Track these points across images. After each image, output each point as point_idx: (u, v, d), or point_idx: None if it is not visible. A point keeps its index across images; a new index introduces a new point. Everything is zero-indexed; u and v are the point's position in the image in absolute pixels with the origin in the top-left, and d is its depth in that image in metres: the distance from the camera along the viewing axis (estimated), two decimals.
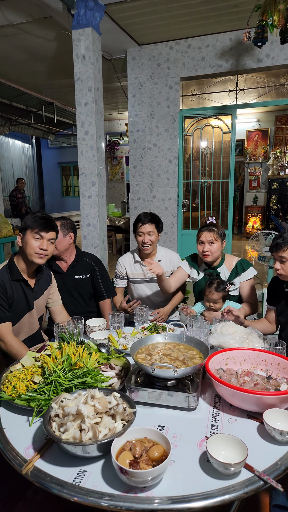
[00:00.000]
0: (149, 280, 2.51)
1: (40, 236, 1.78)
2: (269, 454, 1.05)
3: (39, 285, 1.94)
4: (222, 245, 2.22)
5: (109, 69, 5.55)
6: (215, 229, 2.18)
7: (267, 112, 8.33)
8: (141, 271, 2.50)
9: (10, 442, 1.11)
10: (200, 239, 2.20)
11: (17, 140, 11.33)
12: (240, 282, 2.23)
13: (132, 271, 2.51)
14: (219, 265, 2.27)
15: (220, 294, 2.08)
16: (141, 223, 2.38)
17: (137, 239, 2.42)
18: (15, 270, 1.83)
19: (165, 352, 1.48)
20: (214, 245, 2.17)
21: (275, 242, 1.78)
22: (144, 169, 5.29)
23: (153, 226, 2.38)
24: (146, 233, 2.37)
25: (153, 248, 2.44)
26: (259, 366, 1.47)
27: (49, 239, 1.81)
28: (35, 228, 1.77)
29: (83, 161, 4.02)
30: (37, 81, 6.67)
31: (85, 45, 3.76)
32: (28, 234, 1.78)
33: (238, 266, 2.23)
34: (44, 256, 1.81)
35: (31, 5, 3.79)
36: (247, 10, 3.73)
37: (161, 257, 2.50)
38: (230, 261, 2.27)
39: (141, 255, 2.50)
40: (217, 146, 5.18)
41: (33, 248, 1.77)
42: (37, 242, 1.77)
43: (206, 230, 2.18)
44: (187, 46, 4.77)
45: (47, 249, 1.80)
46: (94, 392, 1.13)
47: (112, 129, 10.02)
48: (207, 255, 2.18)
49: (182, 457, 1.04)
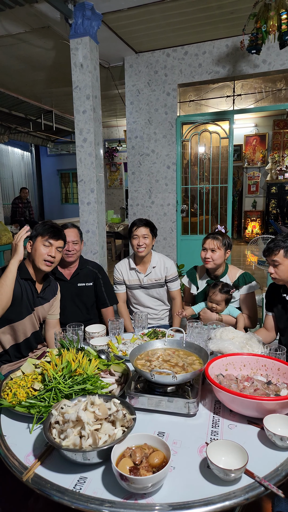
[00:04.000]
0: (145, 286, 2.53)
1: (50, 244, 1.84)
2: (270, 460, 1.05)
3: (45, 292, 1.96)
4: (226, 254, 2.25)
5: (107, 77, 5.60)
6: (219, 238, 2.23)
7: (264, 117, 8.39)
8: (136, 277, 2.52)
9: (10, 449, 1.11)
10: (204, 246, 2.26)
11: (16, 148, 11.40)
12: (240, 294, 2.24)
13: (128, 277, 2.53)
14: (222, 275, 2.30)
15: (223, 296, 2.13)
16: (136, 227, 2.43)
17: (132, 242, 2.45)
18: (24, 270, 1.87)
19: (165, 358, 1.48)
20: (216, 253, 2.21)
21: (267, 247, 1.82)
22: (142, 175, 5.32)
23: (148, 229, 2.43)
24: (140, 236, 2.40)
25: (147, 252, 2.45)
26: (259, 371, 1.47)
27: (57, 247, 1.87)
28: (45, 235, 1.84)
29: (82, 168, 4.04)
30: (36, 90, 6.73)
31: (83, 54, 3.80)
32: (38, 241, 1.84)
33: (241, 278, 2.25)
34: (51, 264, 1.86)
35: (29, 15, 3.84)
36: (243, 17, 3.78)
37: (155, 263, 2.51)
38: (234, 273, 2.30)
39: (136, 260, 2.52)
40: (215, 152, 5.21)
41: (42, 254, 1.82)
42: (46, 249, 1.83)
43: (210, 238, 2.25)
44: (184, 53, 4.83)
45: (55, 256, 1.85)
46: (94, 398, 1.13)
47: (111, 136, 10.08)
48: (208, 261, 2.23)
49: (182, 463, 1.04)
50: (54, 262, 1.87)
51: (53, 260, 1.85)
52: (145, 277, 2.50)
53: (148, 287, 2.53)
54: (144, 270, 2.51)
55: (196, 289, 2.37)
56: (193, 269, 2.44)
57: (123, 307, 2.56)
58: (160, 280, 2.52)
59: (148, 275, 2.50)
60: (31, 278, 1.88)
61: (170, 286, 2.54)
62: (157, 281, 2.52)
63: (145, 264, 2.51)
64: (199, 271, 2.41)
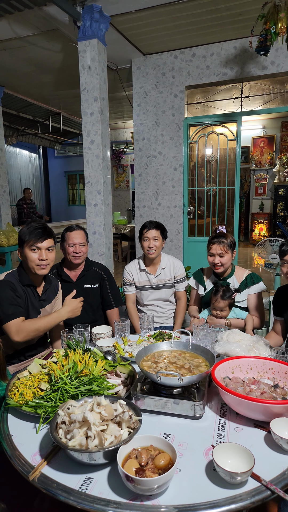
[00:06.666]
0: (155, 286, 2.54)
1: (37, 248, 1.77)
2: (277, 464, 1.04)
3: (46, 294, 1.96)
4: (233, 255, 2.24)
5: (115, 79, 5.63)
6: (225, 241, 2.20)
7: (272, 119, 8.35)
8: (147, 278, 2.54)
9: (17, 448, 1.11)
10: (210, 251, 2.23)
11: (24, 150, 11.50)
12: (248, 294, 2.23)
13: (139, 278, 2.54)
14: (228, 276, 2.29)
15: (227, 302, 2.09)
16: (146, 229, 2.45)
17: (142, 244, 2.47)
18: (25, 276, 1.84)
19: (171, 360, 1.48)
20: (224, 257, 2.20)
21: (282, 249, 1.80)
22: (149, 177, 5.32)
23: (158, 232, 2.45)
24: (151, 238, 2.42)
25: (157, 254, 2.48)
26: (266, 374, 1.46)
27: (47, 247, 1.79)
28: (29, 241, 1.76)
29: (89, 170, 4.06)
30: (44, 92, 6.78)
31: (91, 56, 3.83)
32: (26, 248, 1.78)
33: (248, 279, 2.23)
34: (46, 266, 1.80)
35: (38, 18, 3.88)
36: (252, 18, 3.78)
37: (165, 264, 2.53)
38: (240, 273, 2.28)
39: (146, 262, 2.53)
40: (223, 153, 5.20)
41: (33, 260, 1.77)
42: (35, 254, 1.77)
43: (216, 243, 2.20)
44: (191, 55, 4.83)
45: (47, 258, 1.79)
46: (100, 399, 1.13)
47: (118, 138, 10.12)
48: (219, 267, 2.21)
49: (188, 465, 1.04)
50: (48, 264, 1.81)
51: (46, 262, 1.78)
52: (155, 278, 2.52)
53: (158, 287, 2.55)
54: (154, 271, 2.53)
55: (204, 290, 2.36)
56: (199, 271, 2.44)
57: (133, 308, 2.58)
58: (169, 281, 2.54)
59: (158, 276, 2.52)
60: (32, 283, 1.85)
61: (178, 287, 2.56)
62: (166, 281, 2.54)
63: (155, 265, 2.53)
64: (206, 272, 2.41)
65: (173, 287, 2.58)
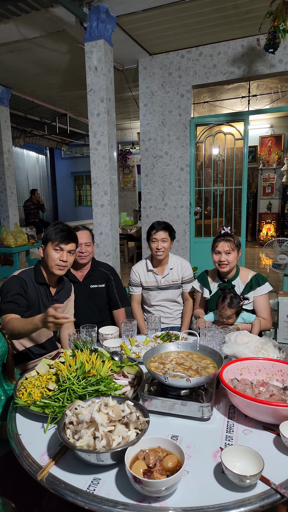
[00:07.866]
0: (162, 287, 2.53)
1: (60, 248, 1.84)
2: (286, 467, 1.03)
3: (59, 295, 1.98)
4: (238, 255, 2.21)
5: (121, 79, 5.63)
6: (231, 239, 2.18)
7: (280, 118, 8.28)
8: (154, 279, 2.53)
9: (25, 448, 1.12)
10: (216, 249, 2.20)
11: (31, 151, 11.58)
12: (254, 296, 2.19)
13: (146, 279, 2.53)
14: (233, 278, 2.25)
15: (234, 309, 2.03)
16: (155, 230, 2.44)
17: (150, 246, 2.46)
18: (40, 274, 1.89)
19: (178, 361, 1.47)
20: (231, 255, 2.17)
21: None
22: (155, 177, 5.32)
23: (167, 233, 2.44)
24: (160, 239, 2.41)
25: (165, 255, 2.47)
26: (275, 376, 1.44)
27: (69, 250, 1.86)
28: (55, 241, 1.83)
29: (96, 171, 4.07)
30: (51, 93, 6.82)
31: (97, 57, 3.83)
32: (49, 246, 1.84)
33: (254, 280, 2.19)
34: (63, 268, 1.86)
35: (45, 20, 3.90)
36: (259, 16, 3.75)
37: (173, 264, 2.52)
38: (245, 274, 2.24)
39: (153, 262, 2.52)
40: (230, 153, 5.17)
41: (54, 260, 1.83)
42: (57, 254, 1.83)
43: (223, 240, 2.18)
44: (198, 54, 4.81)
45: (67, 260, 1.85)
46: (108, 400, 1.13)
47: (124, 138, 10.12)
48: (224, 265, 2.17)
49: (197, 467, 1.03)
50: (66, 266, 1.87)
51: (65, 264, 1.85)
52: (162, 279, 2.52)
53: (165, 288, 2.54)
54: (161, 271, 2.52)
55: (209, 293, 2.33)
56: (204, 273, 2.40)
57: (137, 308, 2.57)
58: (177, 281, 2.53)
59: (166, 277, 2.52)
60: (46, 282, 1.90)
61: (185, 288, 2.55)
62: (174, 282, 2.53)
63: (163, 266, 2.52)
64: (211, 275, 2.37)
65: (180, 288, 2.56)
